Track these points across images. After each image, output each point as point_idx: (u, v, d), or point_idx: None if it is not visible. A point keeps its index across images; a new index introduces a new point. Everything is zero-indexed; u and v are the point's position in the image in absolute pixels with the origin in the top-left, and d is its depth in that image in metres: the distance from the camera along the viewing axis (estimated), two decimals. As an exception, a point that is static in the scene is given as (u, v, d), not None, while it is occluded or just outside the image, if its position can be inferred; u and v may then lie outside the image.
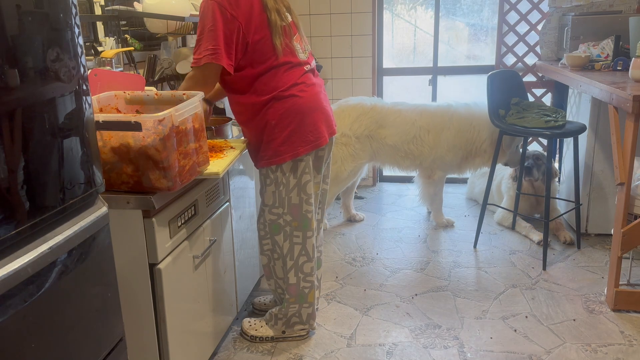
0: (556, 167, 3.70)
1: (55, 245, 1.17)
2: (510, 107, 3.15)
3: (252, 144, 2.12)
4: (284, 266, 2.21)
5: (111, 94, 1.86)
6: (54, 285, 1.18)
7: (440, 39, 4.19)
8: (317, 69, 2.45)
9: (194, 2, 2.75)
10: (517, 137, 3.33)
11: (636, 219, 2.43)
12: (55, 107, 1.18)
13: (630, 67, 2.51)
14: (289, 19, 2.05)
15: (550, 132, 2.86)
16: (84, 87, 1.29)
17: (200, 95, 1.78)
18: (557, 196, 3.49)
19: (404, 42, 4.72)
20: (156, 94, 1.87)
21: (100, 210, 1.36)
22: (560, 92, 3.88)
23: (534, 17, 3.92)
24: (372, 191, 4.30)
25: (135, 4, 2.53)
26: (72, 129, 1.25)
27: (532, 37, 3.95)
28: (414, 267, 2.99)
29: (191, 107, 1.69)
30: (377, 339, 2.33)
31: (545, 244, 2.95)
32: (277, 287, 2.29)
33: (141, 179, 1.60)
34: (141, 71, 2.72)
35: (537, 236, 3.22)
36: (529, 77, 4.01)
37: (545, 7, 3.84)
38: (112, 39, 2.54)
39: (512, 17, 3.97)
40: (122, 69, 2.57)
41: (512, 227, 3.44)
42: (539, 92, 4.04)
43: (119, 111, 1.87)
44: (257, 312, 2.54)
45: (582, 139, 3.12)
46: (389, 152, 3.42)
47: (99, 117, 1.55)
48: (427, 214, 3.75)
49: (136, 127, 1.53)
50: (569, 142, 3.41)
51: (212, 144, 2.08)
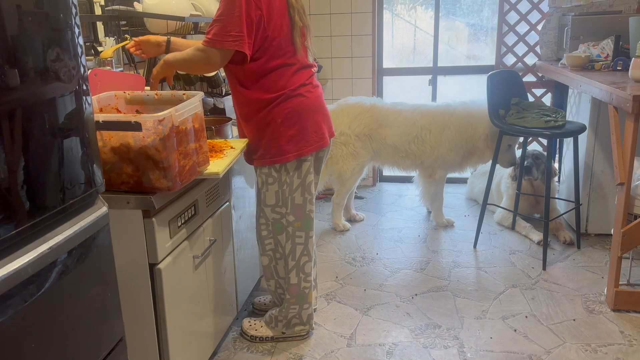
0: (555, 166, 3.70)
1: (55, 245, 1.17)
2: (510, 107, 3.15)
3: (251, 140, 2.10)
4: (286, 266, 2.21)
5: (111, 94, 1.86)
6: (54, 285, 1.18)
7: (440, 39, 4.19)
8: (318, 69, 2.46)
9: (194, 2, 2.75)
10: (509, 137, 3.32)
11: (636, 219, 2.43)
12: (55, 107, 1.18)
13: (630, 67, 2.51)
14: (302, 21, 2.06)
15: (550, 132, 2.86)
16: (84, 87, 1.29)
17: (200, 95, 1.78)
18: (556, 196, 3.49)
19: (404, 42, 4.72)
20: (156, 94, 1.87)
21: (100, 210, 1.36)
22: (560, 92, 3.88)
23: (534, 17, 3.92)
24: (372, 191, 4.30)
25: (135, 4, 2.53)
26: (72, 129, 1.25)
27: (532, 37, 3.96)
28: (414, 267, 2.99)
29: (191, 107, 1.69)
30: (377, 339, 2.33)
31: (545, 244, 2.95)
32: (277, 288, 2.29)
33: (141, 179, 1.60)
34: (141, 71, 2.72)
35: (537, 236, 3.22)
36: (529, 77, 4.02)
37: (545, 7, 3.84)
38: (112, 39, 2.54)
39: (512, 17, 3.97)
40: (122, 69, 2.57)
41: (512, 227, 3.44)
42: (539, 92, 4.04)
43: (119, 111, 1.87)
44: (257, 312, 2.54)
45: (582, 139, 3.12)
46: (389, 152, 3.42)
47: (99, 117, 1.55)
48: (427, 214, 3.75)
49: (136, 127, 1.53)
50: (569, 142, 3.41)
51: (212, 144, 2.08)
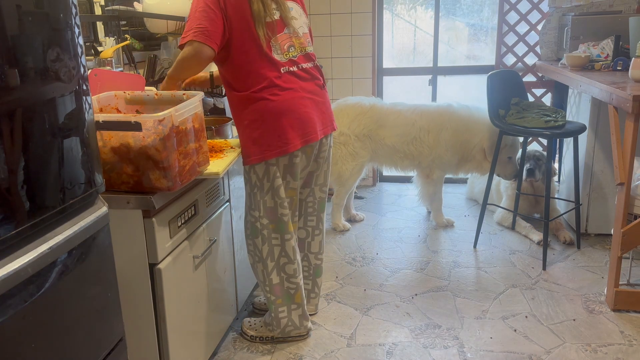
0: (555, 166, 3.70)
1: (55, 245, 1.17)
2: (510, 107, 3.15)
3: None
4: (265, 269, 2.18)
5: (111, 94, 1.86)
6: (54, 285, 1.18)
7: (440, 39, 4.19)
8: None
9: (194, 2, 2.75)
10: (508, 148, 3.31)
11: (636, 219, 2.43)
12: (55, 107, 1.18)
13: (630, 67, 2.51)
14: (276, 15, 1.98)
15: (550, 132, 2.86)
16: (84, 87, 1.29)
17: (200, 95, 1.78)
18: (556, 196, 3.49)
19: (404, 42, 4.72)
20: (156, 94, 1.87)
21: (100, 210, 1.36)
22: (560, 92, 3.88)
23: (534, 17, 3.92)
24: (372, 191, 4.30)
25: (135, 4, 2.53)
26: (72, 129, 1.25)
27: (532, 37, 3.95)
28: (414, 267, 2.99)
29: (191, 107, 1.69)
30: (377, 339, 2.33)
31: (545, 244, 2.95)
32: (263, 288, 2.25)
33: (141, 179, 1.60)
34: (141, 71, 2.72)
35: (537, 236, 3.22)
36: (529, 77, 4.01)
37: (545, 7, 3.84)
38: (112, 39, 2.54)
39: (512, 17, 3.97)
40: (122, 69, 2.57)
41: (512, 227, 3.44)
42: (539, 92, 4.04)
43: (119, 111, 1.87)
44: (257, 311, 2.54)
45: (582, 139, 3.12)
46: (387, 152, 3.42)
47: (99, 117, 1.55)
48: (427, 214, 3.75)
49: (136, 127, 1.53)
50: (569, 142, 3.41)
51: (212, 144, 2.08)
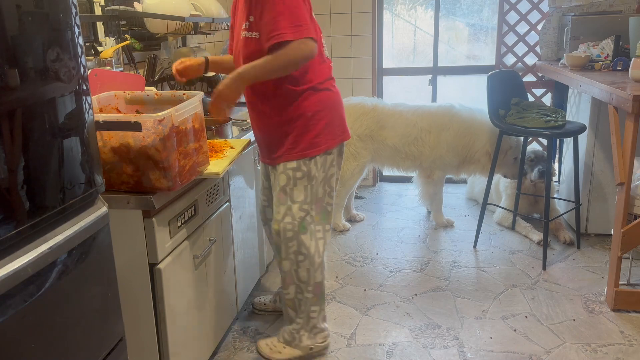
0: (554, 166, 3.69)
1: (55, 245, 1.17)
2: (510, 107, 3.15)
3: (273, 136, 2.01)
4: (311, 266, 2.09)
5: (111, 94, 1.86)
6: (54, 285, 1.18)
7: (440, 39, 4.19)
8: None
9: (194, 2, 2.75)
10: (513, 149, 3.31)
11: (636, 219, 2.43)
12: (55, 107, 1.18)
13: (630, 67, 2.51)
14: None
15: (550, 132, 2.86)
16: (84, 87, 1.29)
17: (200, 95, 1.78)
18: (555, 196, 3.49)
19: (404, 42, 4.72)
20: (156, 94, 1.87)
21: (100, 210, 1.36)
22: (560, 92, 3.88)
23: (534, 17, 3.92)
24: (372, 191, 4.30)
25: (135, 4, 2.53)
26: (72, 129, 1.25)
27: (532, 37, 3.95)
28: (414, 267, 2.99)
29: (191, 107, 1.69)
30: (377, 339, 2.33)
31: (545, 244, 2.95)
32: (297, 293, 2.13)
33: (141, 179, 1.60)
34: (141, 71, 2.72)
35: (537, 236, 3.22)
36: (529, 77, 4.01)
37: (545, 7, 3.84)
38: (112, 39, 2.54)
39: (512, 17, 3.97)
40: (122, 69, 2.57)
41: (512, 227, 3.44)
42: (539, 92, 4.04)
43: (119, 111, 1.87)
44: (257, 312, 2.54)
45: (582, 139, 3.12)
46: (389, 153, 3.42)
47: (99, 117, 1.55)
48: (427, 214, 3.75)
49: (136, 127, 1.53)
50: (569, 142, 3.41)
51: (212, 144, 2.08)
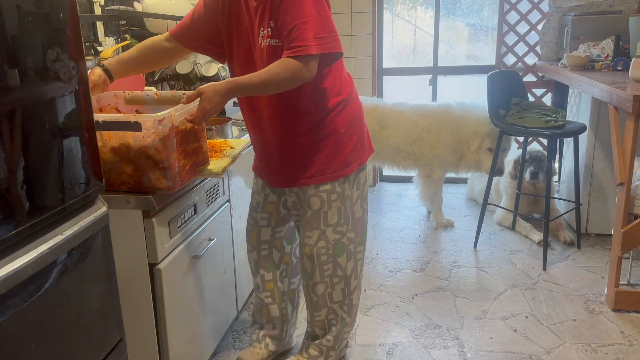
0: (555, 166, 3.69)
1: (55, 245, 1.17)
2: (510, 107, 3.15)
3: (299, 157, 1.81)
4: (347, 288, 1.96)
5: (111, 94, 1.86)
6: (54, 285, 1.18)
7: (440, 39, 4.19)
8: None
9: (194, 2, 2.75)
10: (490, 139, 3.25)
11: (636, 219, 2.43)
12: (55, 107, 1.18)
13: (630, 67, 2.51)
14: None
15: (550, 132, 2.86)
16: (84, 87, 1.29)
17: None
18: (556, 196, 3.49)
19: (404, 42, 4.72)
20: (156, 94, 1.87)
21: (100, 210, 1.36)
22: (560, 92, 3.88)
23: (534, 17, 3.92)
24: (372, 191, 4.30)
25: (135, 4, 2.53)
26: (72, 129, 1.25)
27: (532, 37, 3.95)
28: (414, 267, 2.99)
29: (191, 106, 1.69)
30: (377, 339, 2.33)
31: (545, 244, 2.95)
32: (328, 314, 2.00)
33: (141, 179, 1.60)
34: (141, 71, 2.71)
35: (537, 236, 3.22)
36: (529, 77, 4.01)
37: (545, 7, 3.84)
38: (112, 38, 2.53)
39: (512, 17, 3.97)
40: (122, 69, 2.56)
41: (512, 227, 3.44)
42: (539, 92, 4.03)
43: (118, 111, 1.87)
44: None
45: (582, 139, 3.12)
46: (390, 153, 3.43)
47: (99, 117, 1.54)
48: (427, 214, 3.75)
49: (136, 127, 1.53)
50: (569, 142, 3.41)
51: (212, 144, 2.08)
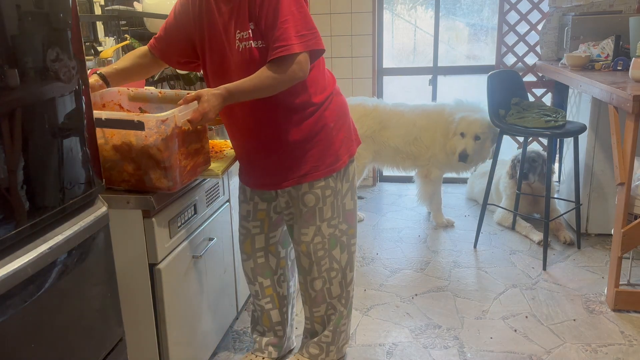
0: (554, 166, 3.69)
1: (55, 245, 1.17)
2: (510, 107, 3.15)
3: (290, 156, 1.79)
4: (344, 280, 1.98)
5: (114, 90, 1.84)
6: (54, 285, 1.18)
7: (440, 39, 4.19)
8: None
9: (194, 2, 2.75)
10: (463, 125, 3.22)
11: (636, 219, 2.43)
12: (55, 107, 1.18)
13: (630, 67, 2.51)
14: None
15: (550, 132, 2.86)
16: (84, 87, 1.29)
17: None
18: (555, 196, 3.49)
19: (404, 42, 4.72)
20: (160, 92, 1.85)
21: (100, 210, 1.36)
22: (560, 92, 3.88)
23: (534, 17, 3.92)
24: (372, 191, 4.30)
25: (135, 4, 2.53)
26: (72, 129, 1.25)
27: (532, 37, 3.95)
28: (414, 267, 2.99)
29: (194, 107, 1.68)
30: (377, 339, 2.33)
31: (545, 244, 2.95)
32: (327, 310, 2.01)
33: (142, 178, 1.59)
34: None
35: (537, 236, 3.22)
36: (529, 77, 4.01)
37: (545, 7, 3.84)
38: (111, 38, 2.54)
39: (512, 17, 3.97)
40: (122, 69, 2.56)
41: (512, 227, 3.44)
42: (539, 92, 4.04)
43: (122, 107, 1.86)
44: None
45: (582, 139, 3.12)
46: (390, 153, 3.43)
47: (102, 114, 1.53)
48: (427, 214, 3.75)
49: (139, 126, 1.52)
50: (569, 142, 3.41)
51: (212, 144, 2.08)
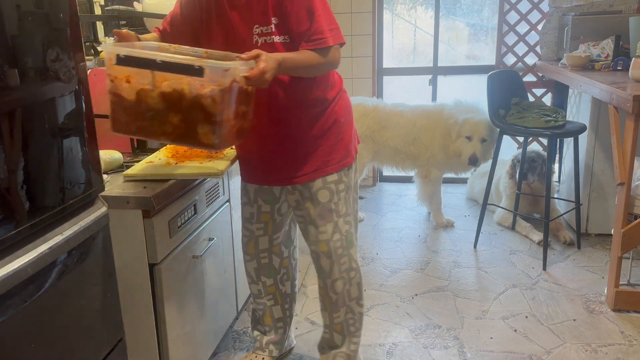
0: (554, 166, 3.69)
1: (55, 245, 1.17)
2: (510, 107, 3.15)
3: (302, 151, 1.76)
4: (360, 280, 1.93)
5: (154, 45, 1.67)
6: (54, 285, 1.18)
7: (440, 38, 4.19)
8: None
9: (194, 2, 2.75)
10: (467, 127, 3.22)
11: (636, 219, 2.43)
12: (55, 107, 1.18)
13: (630, 67, 2.51)
14: None
15: (550, 132, 2.86)
16: (84, 87, 1.29)
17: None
18: (555, 196, 3.49)
19: (404, 42, 4.72)
20: (205, 52, 1.65)
21: (100, 210, 1.36)
22: (560, 92, 3.88)
23: (534, 17, 3.92)
24: (372, 191, 4.30)
25: (135, 4, 2.53)
26: (72, 129, 1.25)
27: (532, 37, 3.95)
28: (414, 267, 2.99)
29: (252, 65, 1.47)
30: (377, 339, 2.33)
31: (545, 244, 2.95)
32: (346, 314, 1.94)
33: (187, 132, 1.45)
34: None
35: (537, 236, 3.22)
36: (529, 77, 4.01)
37: (545, 7, 3.84)
38: (111, 38, 2.53)
39: (512, 17, 3.97)
40: (122, 69, 2.56)
41: (512, 227, 3.44)
42: (539, 92, 4.04)
43: None
44: None
45: (582, 139, 3.12)
46: (390, 153, 3.43)
47: (158, 55, 1.39)
48: (427, 214, 3.75)
49: (198, 72, 1.36)
50: (569, 142, 3.41)
51: (212, 143, 2.07)
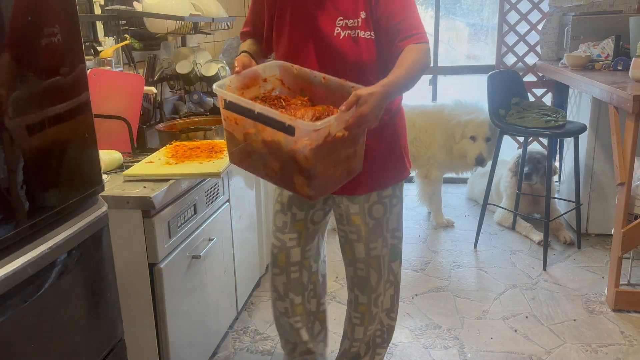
0: (555, 165, 3.69)
1: (55, 245, 1.17)
2: (510, 107, 3.15)
3: (369, 164, 1.62)
4: (396, 294, 1.84)
5: (277, 64, 1.64)
6: (53, 285, 1.18)
7: (440, 38, 4.19)
8: None
9: (194, 1, 2.75)
10: (472, 127, 3.23)
11: (636, 219, 2.43)
12: (55, 107, 1.18)
13: (630, 67, 2.51)
14: None
15: (550, 132, 2.86)
16: (84, 87, 1.29)
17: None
18: (556, 195, 3.49)
19: (404, 42, 4.71)
20: (323, 78, 1.61)
21: (100, 210, 1.36)
22: (560, 92, 3.88)
23: (534, 16, 3.92)
24: (372, 191, 4.29)
25: (135, 3, 2.53)
26: (72, 128, 1.25)
27: (533, 37, 3.95)
28: (414, 267, 2.99)
29: (350, 114, 1.41)
30: (377, 339, 2.33)
31: (545, 244, 2.95)
32: (375, 326, 1.84)
33: (285, 179, 1.48)
34: (141, 71, 2.71)
35: (537, 236, 3.22)
36: (529, 77, 4.01)
37: (545, 6, 3.84)
38: (111, 38, 2.53)
39: (512, 16, 3.97)
40: (121, 69, 2.56)
41: (512, 227, 3.44)
42: (539, 92, 4.03)
43: (283, 84, 1.65)
44: None
45: (583, 139, 3.12)
46: None
47: (255, 106, 1.39)
48: (427, 214, 3.75)
49: (289, 131, 1.36)
50: (569, 142, 3.41)
51: (212, 144, 2.08)
